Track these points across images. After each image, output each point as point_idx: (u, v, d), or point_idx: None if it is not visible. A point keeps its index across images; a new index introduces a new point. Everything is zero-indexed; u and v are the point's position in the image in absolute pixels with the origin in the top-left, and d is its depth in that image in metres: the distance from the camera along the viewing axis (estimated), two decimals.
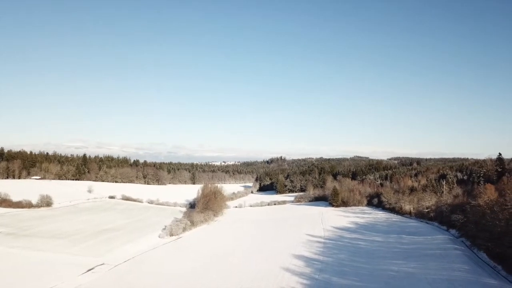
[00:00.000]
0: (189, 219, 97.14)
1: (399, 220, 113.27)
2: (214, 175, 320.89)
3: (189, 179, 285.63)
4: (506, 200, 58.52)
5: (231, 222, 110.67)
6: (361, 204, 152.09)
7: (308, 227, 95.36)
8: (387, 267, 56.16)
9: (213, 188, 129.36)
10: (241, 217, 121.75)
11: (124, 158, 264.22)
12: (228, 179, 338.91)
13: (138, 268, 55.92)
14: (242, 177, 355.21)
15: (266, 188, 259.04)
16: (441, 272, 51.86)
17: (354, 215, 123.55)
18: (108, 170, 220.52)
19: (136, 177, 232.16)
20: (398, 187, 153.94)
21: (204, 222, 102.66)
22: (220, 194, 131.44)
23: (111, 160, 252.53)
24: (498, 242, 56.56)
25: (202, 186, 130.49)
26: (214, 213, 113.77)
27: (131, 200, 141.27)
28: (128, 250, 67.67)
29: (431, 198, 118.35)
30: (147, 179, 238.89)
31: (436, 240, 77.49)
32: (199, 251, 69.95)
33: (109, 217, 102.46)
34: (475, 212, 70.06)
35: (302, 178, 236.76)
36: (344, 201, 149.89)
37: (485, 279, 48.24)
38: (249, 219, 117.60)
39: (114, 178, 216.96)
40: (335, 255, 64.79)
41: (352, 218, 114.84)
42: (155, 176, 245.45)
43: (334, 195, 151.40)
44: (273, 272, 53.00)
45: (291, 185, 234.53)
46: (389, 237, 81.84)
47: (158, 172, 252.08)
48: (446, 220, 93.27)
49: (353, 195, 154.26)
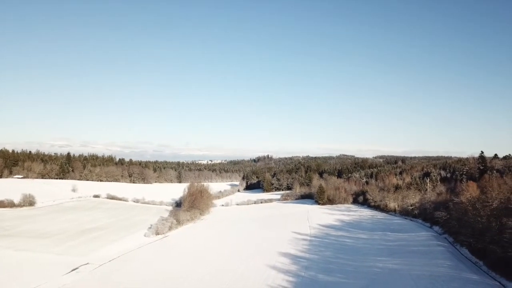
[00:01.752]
0: (175, 218, 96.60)
1: (384, 217, 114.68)
2: (201, 174, 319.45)
3: (175, 178, 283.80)
4: (488, 197, 59.74)
5: (217, 220, 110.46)
6: (347, 202, 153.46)
7: (294, 225, 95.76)
8: (372, 264, 56.83)
9: (199, 186, 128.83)
10: (227, 216, 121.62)
11: (109, 157, 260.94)
12: (214, 177, 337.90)
13: (123, 267, 55.40)
14: (229, 176, 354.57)
15: (252, 187, 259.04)
16: (424, 268, 52.72)
17: (340, 212, 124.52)
18: (93, 169, 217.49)
19: (121, 176, 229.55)
20: (383, 185, 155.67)
21: (191, 220, 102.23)
22: (206, 192, 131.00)
23: (95, 158, 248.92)
24: (480, 238, 57.79)
25: (188, 185, 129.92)
26: (200, 212, 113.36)
27: (116, 199, 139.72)
28: (113, 250, 66.95)
29: (415, 195, 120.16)
30: (133, 178, 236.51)
31: (420, 237, 78.76)
32: (185, 249, 69.63)
33: (94, 216, 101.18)
34: (458, 209, 71.36)
35: (288, 177, 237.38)
36: (330, 199, 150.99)
37: (467, 275, 49.23)
38: (236, 217, 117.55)
39: (99, 177, 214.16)
40: (321, 253, 65.26)
41: (338, 215, 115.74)
42: (140, 175, 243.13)
43: (320, 193, 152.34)
44: (259, 270, 53.10)
45: (277, 183, 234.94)
46: (374, 234, 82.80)
47: (143, 170, 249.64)
48: (429, 217, 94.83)
49: (339, 193, 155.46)
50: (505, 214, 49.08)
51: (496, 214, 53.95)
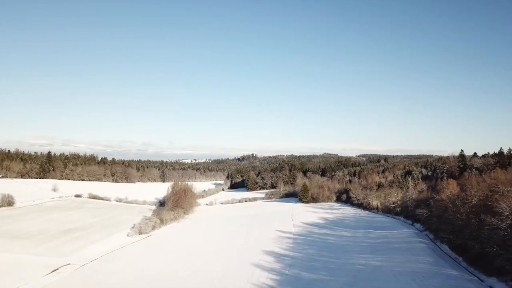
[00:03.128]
0: (158, 217, 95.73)
1: (367, 215, 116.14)
2: (185, 173, 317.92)
3: (158, 177, 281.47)
4: (467, 194, 61.01)
5: (201, 219, 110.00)
6: (330, 200, 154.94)
7: (278, 223, 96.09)
8: (355, 261, 57.43)
9: (183, 185, 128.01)
10: (211, 215, 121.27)
11: (91, 156, 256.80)
12: (198, 176, 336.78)
13: (105, 268, 54.60)
14: (213, 175, 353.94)
15: (237, 186, 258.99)
16: (406, 264, 53.57)
17: (324, 211, 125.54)
18: (74, 168, 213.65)
19: (104, 175, 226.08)
20: (366, 183, 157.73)
21: (174, 220, 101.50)
22: (190, 191, 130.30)
23: (77, 157, 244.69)
24: (459, 235, 59.06)
25: (172, 184, 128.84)
26: (184, 211, 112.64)
27: (98, 199, 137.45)
28: (95, 250, 65.85)
29: (397, 193, 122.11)
30: (116, 177, 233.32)
31: (402, 234, 79.99)
32: (169, 249, 69.09)
33: (75, 216, 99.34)
34: (438, 206, 72.74)
35: (273, 175, 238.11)
36: (314, 197, 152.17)
37: (447, 271, 50.24)
38: (220, 216, 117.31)
39: (80, 176, 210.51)
40: (305, 250, 65.63)
41: (322, 213, 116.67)
42: (123, 174, 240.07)
43: (304, 191, 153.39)
44: (243, 269, 53.06)
45: (262, 182, 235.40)
46: (357, 232, 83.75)
47: (126, 170, 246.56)
48: (411, 215, 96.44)
49: (323, 191, 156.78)
50: (484, 211, 50.21)
51: (475, 211, 55.18)
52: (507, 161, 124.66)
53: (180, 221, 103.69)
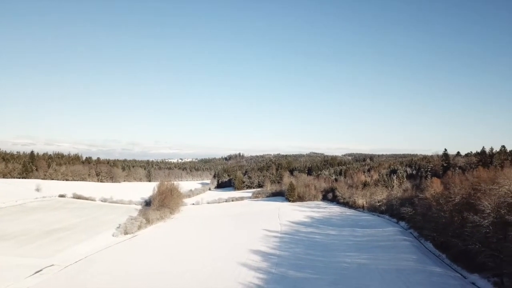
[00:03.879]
0: (144, 217, 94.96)
1: (353, 213, 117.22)
2: (171, 172, 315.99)
3: (144, 177, 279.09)
4: (450, 193, 61.95)
5: (188, 219, 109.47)
6: (317, 199, 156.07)
7: (265, 222, 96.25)
8: (341, 259, 57.91)
9: (169, 185, 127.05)
10: (198, 214, 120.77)
11: (75, 155, 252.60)
12: (185, 176, 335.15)
13: (90, 268, 53.88)
14: (200, 174, 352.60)
15: (224, 185, 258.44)
16: (391, 262, 54.32)
17: (310, 209, 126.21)
18: (58, 168, 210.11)
19: (88, 175, 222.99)
20: (352, 182, 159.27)
21: (160, 219, 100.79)
22: (176, 191, 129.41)
23: (61, 157, 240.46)
24: (443, 232, 60.03)
25: (158, 184, 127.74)
26: (170, 211, 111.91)
27: (83, 199, 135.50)
28: (80, 250, 64.95)
29: (382, 192, 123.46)
30: (100, 176, 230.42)
31: (387, 232, 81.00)
32: (155, 249, 68.57)
33: (59, 216, 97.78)
34: (423, 204, 73.73)
35: (260, 174, 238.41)
36: (300, 196, 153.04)
37: (431, 268, 51.11)
38: (207, 215, 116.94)
39: (64, 176, 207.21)
40: (291, 249, 65.89)
41: (308, 212, 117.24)
42: (108, 173, 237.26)
43: (291, 190, 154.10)
44: (230, 268, 53.01)
45: (249, 181, 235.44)
46: (343, 230, 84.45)
47: (112, 169, 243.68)
48: (396, 213, 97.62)
49: (309, 190, 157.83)
50: (466, 209, 51.08)
51: (458, 209, 56.11)
52: (489, 159, 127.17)
53: (167, 221, 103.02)
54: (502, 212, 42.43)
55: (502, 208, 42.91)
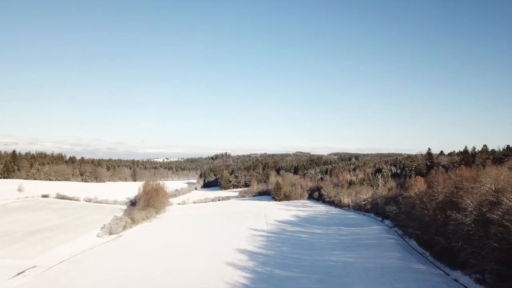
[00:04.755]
0: (129, 217, 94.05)
1: (338, 212, 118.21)
2: (157, 172, 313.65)
3: (130, 176, 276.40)
4: (434, 191, 62.95)
5: (173, 219, 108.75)
6: (303, 198, 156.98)
7: (251, 221, 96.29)
8: (327, 258, 58.35)
9: (155, 185, 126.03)
10: (184, 214, 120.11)
11: (59, 155, 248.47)
12: (171, 175, 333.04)
13: (73, 269, 53.07)
14: (186, 174, 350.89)
15: (210, 185, 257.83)
16: (376, 260, 54.93)
17: (296, 208, 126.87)
18: (41, 168, 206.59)
19: (72, 175, 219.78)
20: (337, 181, 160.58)
21: (146, 219, 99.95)
22: (162, 191, 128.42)
23: (44, 157, 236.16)
24: (426, 230, 60.94)
25: (143, 183, 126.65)
26: (156, 211, 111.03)
27: (66, 199, 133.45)
28: (63, 251, 63.90)
29: (367, 191, 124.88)
30: (85, 176, 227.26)
31: (372, 230, 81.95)
32: (141, 249, 67.92)
33: (42, 217, 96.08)
34: (407, 203, 74.80)
35: (246, 174, 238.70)
36: (287, 195, 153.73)
37: (415, 265, 51.93)
38: (193, 215, 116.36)
39: (47, 176, 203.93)
40: (277, 248, 66.08)
41: (294, 211, 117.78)
42: (93, 173, 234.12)
43: (277, 189, 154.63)
44: (216, 268, 52.85)
45: (235, 180, 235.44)
46: (329, 229, 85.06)
47: (96, 169, 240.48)
48: (381, 212, 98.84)
49: (295, 189, 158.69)
50: (449, 207, 51.93)
51: (441, 207, 57.02)
52: (472, 159, 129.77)
53: (152, 221, 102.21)
54: (483, 210, 43.29)
55: (484, 206, 43.78)
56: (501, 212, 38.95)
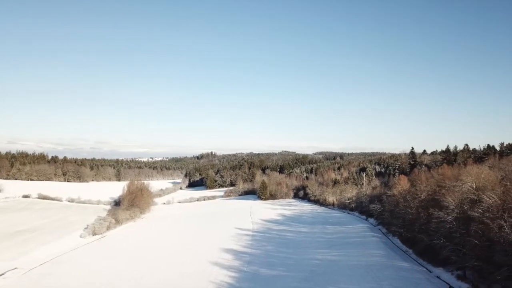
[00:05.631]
0: (113, 217, 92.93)
1: (323, 211, 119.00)
2: (141, 172, 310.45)
3: (113, 176, 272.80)
4: (417, 189, 63.93)
5: (158, 218, 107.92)
6: (288, 197, 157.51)
7: (237, 220, 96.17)
8: (312, 256, 58.70)
9: (139, 184, 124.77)
10: (169, 213, 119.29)
11: (40, 154, 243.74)
12: (156, 175, 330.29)
13: (55, 271, 52.11)
14: (171, 173, 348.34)
15: (195, 184, 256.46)
16: (360, 258, 55.52)
17: (282, 207, 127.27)
18: (22, 167, 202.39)
19: (54, 175, 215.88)
20: (322, 180, 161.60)
21: (130, 219, 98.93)
22: (147, 190, 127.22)
23: (25, 156, 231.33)
24: (410, 228, 61.92)
25: (128, 183, 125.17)
26: (140, 210, 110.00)
27: (48, 199, 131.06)
28: (45, 252, 62.75)
29: (352, 189, 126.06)
30: (67, 176, 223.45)
31: (357, 229, 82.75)
32: (125, 249, 67.19)
33: (23, 218, 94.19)
34: (391, 201, 75.80)
35: (232, 173, 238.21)
36: (272, 194, 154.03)
37: (398, 263, 52.68)
38: (178, 215, 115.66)
39: (29, 176, 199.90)
40: (263, 247, 66.18)
41: (280, 210, 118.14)
42: (76, 173, 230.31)
43: (263, 188, 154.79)
44: (201, 267, 52.66)
45: (221, 180, 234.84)
46: (314, 228, 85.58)
47: (79, 169, 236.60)
48: (365, 210, 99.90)
49: (281, 188, 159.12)
50: (432, 205, 52.81)
51: (424, 205, 57.95)
52: (453, 157, 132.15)
53: (137, 221, 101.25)
54: (465, 207, 44.12)
55: (465, 204, 44.63)
56: (481, 209, 39.75)
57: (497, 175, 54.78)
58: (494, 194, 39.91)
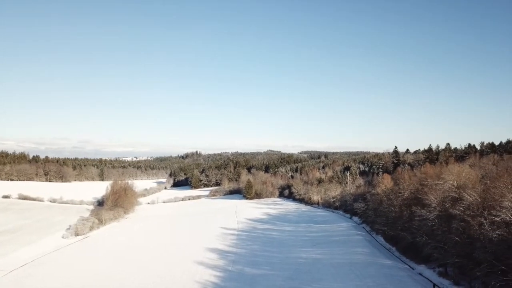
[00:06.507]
0: (97, 217, 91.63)
1: (308, 210, 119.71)
2: (125, 171, 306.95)
3: (97, 176, 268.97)
4: (400, 188, 64.84)
5: (143, 218, 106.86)
6: (273, 196, 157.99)
7: (222, 220, 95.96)
8: (297, 255, 58.93)
9: (123, 184, 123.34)
10: (153, 213, 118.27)
11: (21, 154, 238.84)
12: (140, 175, 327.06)
13: (37, 272, 51.10)
14: (155, 173, 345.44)
15: (180, 184, 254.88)
16: (344, 256, 56.06)
17: (267, 206, 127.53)
18: (2, 167, 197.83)
19: (36, 175, 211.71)
20: (307, 179, 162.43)
21: (114, 219, 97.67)
22: (131, 190, 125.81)
23: (5, 156, 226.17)
24: (393, 226, 62.75)
25: (111, 183, 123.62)
26: (124, 210, 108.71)
27: (29, 199, 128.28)
28: (26, 254, 61.41)
29: (336, 188, 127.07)
30: (49, 176, 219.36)
31: (341, 227, 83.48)
32: (108, 250, 66.28)
33: (3, 219, 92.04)
34: (374, 200, 76.72)
35: (217, 173, 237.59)
36: (258, 193, 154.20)
37: (382, 260, 53.32)
38: (162, 215, 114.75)
39: (9, 176, 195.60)
40: (248, 246, 66.19)
41: (265, 209, 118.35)
42: (58, 173, 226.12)
43: (248, 188, 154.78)
44: (186, 267, 52.34)
45: (206, 179, 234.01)
46: (299, 226, 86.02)
47: (61, 168, 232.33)
48: (349, 209, 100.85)
49: (266, 187, 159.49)
50: (414, 203, 53.64)
51: (407, 204, 58.81)
52: (435, 156, 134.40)
53: (120, 221, 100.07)
54: (446, 205, 44.95)
55: (447, 202, 45.47)
56: (462, 207, 40.56)
57: (477, 173, 56.12)
58: (474, 192, 40.75)
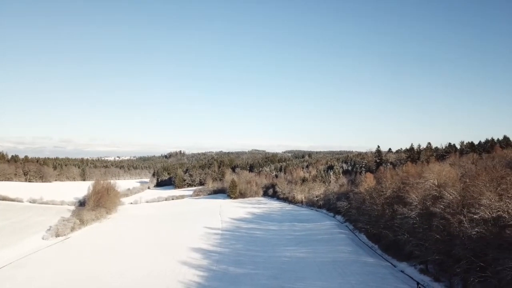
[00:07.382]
0: (78, 218, 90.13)
1: (292, 208, 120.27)
2: (107, 171, 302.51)
3: (78, 176, 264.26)
4: (382, 187, 65.66)
5: (125, 218, 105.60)
6: (258, 195, 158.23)
7: (206, 220, 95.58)
8: (281, 254, 59.14)
9: (105, 184, 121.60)
10: (136, 213, 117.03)
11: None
12: (122, 174, 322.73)
13: (16, 275, 49.98)
14: (138, 173, 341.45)
15: (164, 183, 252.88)
16: (328, 254, 56.53)
17: (251, 205, 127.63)
18: None
19: (15, 175, 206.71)
20: (291, 178, 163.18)
21: (96, 220, 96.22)
22: (113, 190, 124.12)
23: None
24: (375, 225, 63.57)
25: (93, 183, 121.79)
26: (107, 211, 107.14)
27: (8, 200, 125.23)
28: (5, 256, 59.92)
29: (320, 187, 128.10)
30: (29, 176, 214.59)
31: (324, 226, 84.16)
32: (90, 250, 65.27)
33: None
34: (357, 198, 77.52)
35: (201, 172, 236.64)
36: (242, 193, 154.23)
37: (364, 258, 53.99)
38: (145, 214, 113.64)
39: None
40: (232, 246, 66.11)
41: (249, 208, 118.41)
42: (38, 173, 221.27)
43: (232, 187, 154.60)
44: (170, 267, 51.99)
45: (190, 179, 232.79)
46: (283, 225, 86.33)
47: (42, 168, 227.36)
48: (333, 207, 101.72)
49: (250, 186, 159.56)
50: (396, 202, 54.47)
51: (389, 202, 59.63)
52: (417, 155, 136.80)
53: (103, 221, 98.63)
54: (427, 204, 45.76)
55: (428, 200, 46.31)
56: (442, 205, 41.32)
57: (457, 172, 57.34)
58: (454, 190, 41.57)
